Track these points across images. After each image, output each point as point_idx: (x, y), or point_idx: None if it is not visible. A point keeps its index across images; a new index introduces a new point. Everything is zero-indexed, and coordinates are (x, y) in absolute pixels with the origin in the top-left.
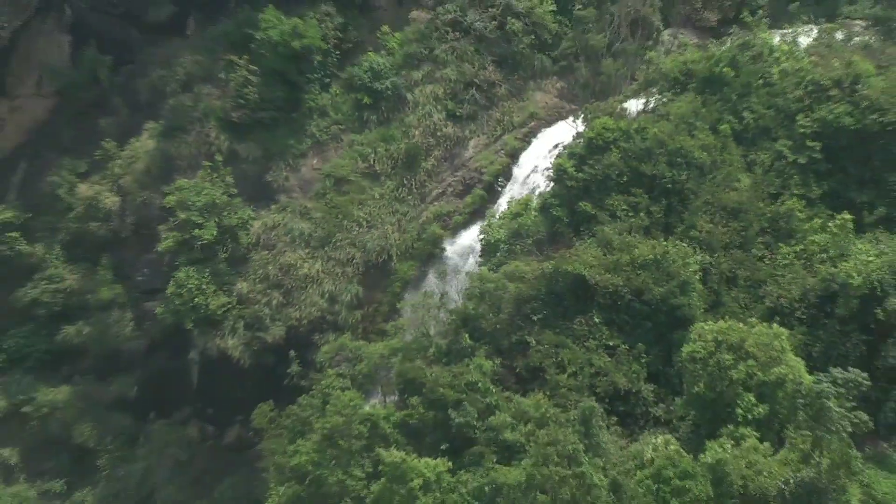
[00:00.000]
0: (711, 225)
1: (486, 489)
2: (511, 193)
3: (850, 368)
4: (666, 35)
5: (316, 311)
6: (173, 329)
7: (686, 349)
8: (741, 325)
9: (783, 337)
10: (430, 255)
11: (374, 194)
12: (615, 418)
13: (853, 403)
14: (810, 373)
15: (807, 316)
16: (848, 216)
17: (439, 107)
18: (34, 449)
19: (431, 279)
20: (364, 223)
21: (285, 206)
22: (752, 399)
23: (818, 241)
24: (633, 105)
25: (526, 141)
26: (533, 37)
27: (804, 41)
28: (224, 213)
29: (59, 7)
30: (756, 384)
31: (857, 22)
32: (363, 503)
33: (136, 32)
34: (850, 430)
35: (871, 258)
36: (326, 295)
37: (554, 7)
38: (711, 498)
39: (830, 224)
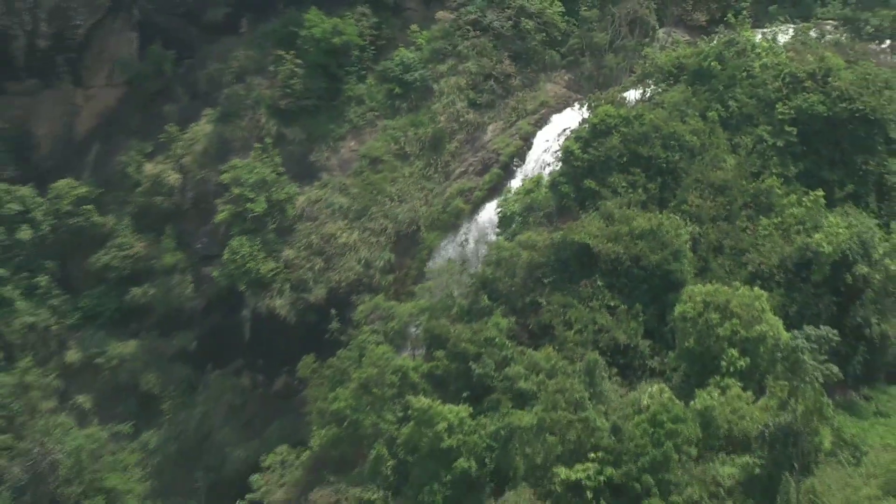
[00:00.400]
0: (700, 200)
1: (503, 432)
2: (524, 172)
3: (822, 326)
4: (661, 33)
5: (353, 275)
6: (228, 290)
7: (678, 309)
8: (726, 288)
9: (763, 298)
10: (454, 225)
11: (405, 172)
12: (616, 370)
13: (825, 357)
14: (787, 330)
15: (784, 280)
16: (820, 193)
17: (462, 96)
18: (106, 395)
19: (456, 247)
20: (396, 198)
21: (326, 183)
22: (736, 353)
23: (794, 215)
24: (632, 95)
25: (538, 126)
26: (544, 34)
27: (782, 39)
28: (273, 189)
29: (128, 8)
30: (739, 340)
31: (828, 22)
32: (395, 444)
33: (196, 31)
34: (821, 380)
35: (840, 229)
36: (362, 261)
37: (562, 8)
38: (700, 439)
39: (805, 199)
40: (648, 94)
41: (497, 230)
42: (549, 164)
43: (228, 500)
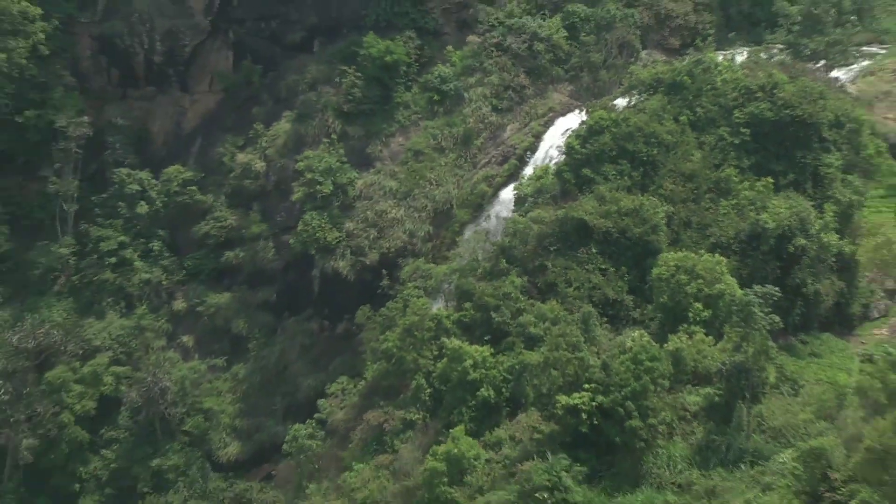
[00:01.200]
0: (674, 185)
1: (516, 367)
2: (535, 162)
3: (768, 285)
4: (643, 54)
5: (400, 243)
6: (301, 254)
7: (655, 271)
8: (693, 255)
9: (722, 263)
10: (479, 204)
11: (441, 162)
12: (605, 319)
13: (770, 310)
14: (741, 288)
15: (739, 249)
16: (768, 180)
17: (486, 102)
18: (204, 336)
19: (481, 222)
20: (434, 182)
21: (380, 170)
22: (700, 306)
23: (747, 197)
24: (621, 102)
25: (546, 126)
26: (552, 55)
27: (739, 59)
28: (337, 174)
29: (225, 31)
30: (703, 296)
31: (776, 46)
32: (431, 376)
33: (279, 50)
34: (767, 328)
35: (782, 210)
36: (407, 231)
37: (566, 34)
38: (672, 374)
39: (756, 186)
40: (633, 102)
41: (513, 208)
42: (554, 157)
43: (300, 419)
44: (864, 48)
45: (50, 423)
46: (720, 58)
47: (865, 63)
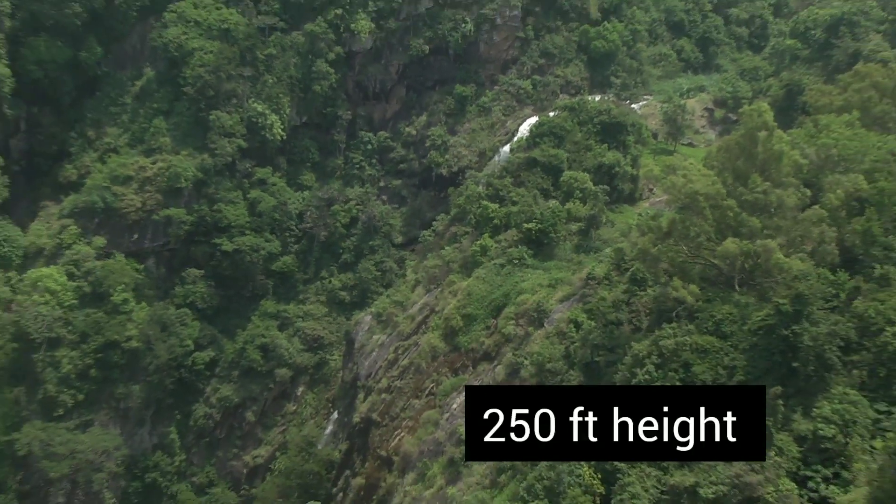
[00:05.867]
0: (570, 146)
1: (507, 212)
2: (518, 135)
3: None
4: (561, 95)
5: (466, 163)
6: (428, 167)
7: (561, 179)
8: (575, 172)
9: (587, 178)
10: (496, 149)
11: (483, 134)
12: (542, 195)
13: (605, 194)
14: (594, 185)
15: (594, 171)
16: (606, 146)
17: (500, 112)
18: (389, 196)
19: (498, 155)
20: (479, 141)
21: (459, 136)
22: (579, 192)
23: (598, 152)
24: (552, 114)
25: (522, 122)
26: (525, 94)
27: (597, 98)
28: (443, 137)
29: (403, 81)
30: (579, 188)
31: (611, 93)
32: (476, 214)
33: (423, 88)
34: (603, 201)
35: (611, 156)
36: (468, 159)
37: (532, 87)
38: (566, 217)
39: (601, 148)
40: (556, 114)
41: (509, 152)
42: (525, 133)
43: (426, 228)
44: (645, 96)
45: (331, 226)
46: (589, 98)
47: (644, 102)
